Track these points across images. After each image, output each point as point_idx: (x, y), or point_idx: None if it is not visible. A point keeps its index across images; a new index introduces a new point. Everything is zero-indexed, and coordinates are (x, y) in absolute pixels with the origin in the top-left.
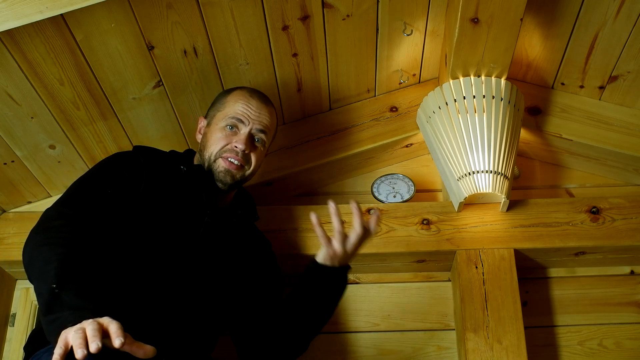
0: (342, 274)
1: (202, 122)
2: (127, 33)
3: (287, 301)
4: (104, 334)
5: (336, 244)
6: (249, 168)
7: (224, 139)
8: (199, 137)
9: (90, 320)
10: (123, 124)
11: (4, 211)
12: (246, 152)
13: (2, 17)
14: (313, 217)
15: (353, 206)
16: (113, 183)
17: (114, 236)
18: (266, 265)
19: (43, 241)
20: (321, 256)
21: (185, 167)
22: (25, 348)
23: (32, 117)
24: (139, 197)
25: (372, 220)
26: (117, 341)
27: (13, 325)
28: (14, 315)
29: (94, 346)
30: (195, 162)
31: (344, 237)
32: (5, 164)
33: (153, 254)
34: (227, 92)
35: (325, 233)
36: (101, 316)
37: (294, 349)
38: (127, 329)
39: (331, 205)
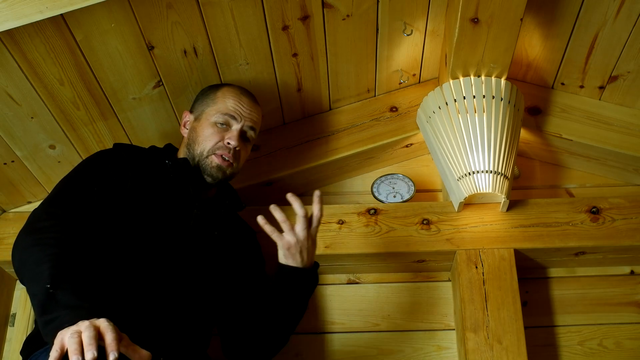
0: (308, 273)
1: (188, 117)
2: (127, 33)
3: (260, 302)
4: (100, 337)
5: (287, 235)
6: (238, 165)
7: (215, 135)
8: (184, 131)
9: (87, 323)
10: (123, 124)
11: (4, 211)
12: (237, 148)
13: (2, 17)
14: (259, 219)
15: (288, 196)
16: (99, 180)
17: (104, 234)
18: (253, 255)
19: (33, 242)
20: (280, 254)
21: (170, 161)
22: (21, 352)
23: (32, 117)
24: (127, 193)
25: (315, 202)
26: (110, 356)
27: (13, 325)
28: (14, 315)
29: (89, 355)
30: (181, 155)
31: (290, 225)
32: (5, 164)
33: (144, 250)
34: (215, 87)
35: (275, 229)
36: (97, 315)
37: (272, 344)
38: (122, 327)
39: (272, 206)
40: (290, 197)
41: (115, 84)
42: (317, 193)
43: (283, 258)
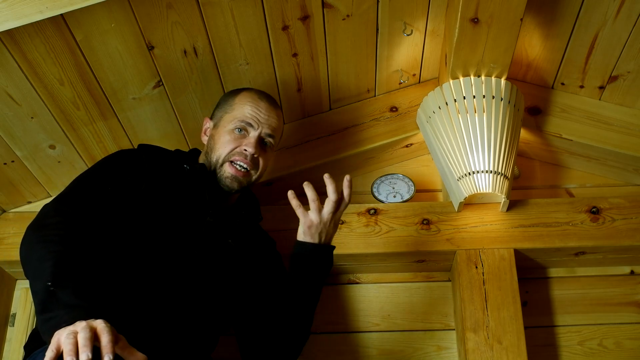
0: (324, 251)
1: (208, 123)
2: (127, 33)
3: (279, 287)
4: (96, 338)
5: (312, 214)
6: (256, 173)
7: (232, 142)
8: (204, 138)
9: (84, 324)
10: (123, 124)
11: (4, 211)
12: (255, 155)
13: (2, 17)
14: (290, 193)
15: (326, 177)
16: (114, 180)
17: (113, 234)
18: (271, 264)
19: (39, 238)
20: (300, 232)
21: (188, 166)
22: (25, 347)
23: (32, 117)
24: (140, 195)
25: (345, 187)
26: (106, 358)
27: (13, 325)
28: (14, 315)
29: (83, 356)
30: (200, 162)
31: (319, 206)
32: (5, 164)
33: (152, 253)
34: (234, 93)
35: (301, 204)
36: (96, 315)
37: (295, 335)
38: (123, 330)
39: (305, 183)
40: (327, 178)
41: (115, 84)
42: (347, 177)
43: (302, 235)
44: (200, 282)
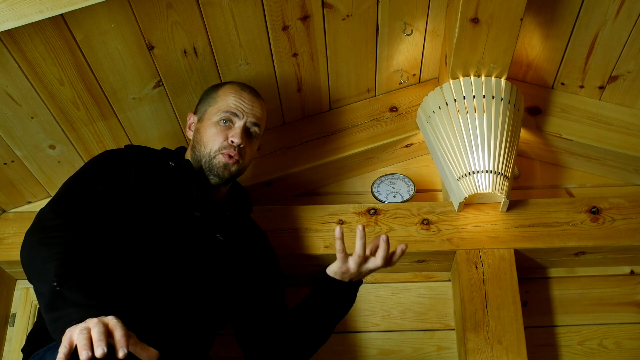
0: (351, 289)
1: (192, 118)
2: (127, 33)
3: (295, 310)
4: (109, 334)
5: (352, 264)
6: (243, 162)
7: (219, 134)
8: (189, 133)
9: (96, 320)
10: (123, 124)
11: (4, 211)
12: (242, 146)
13: (2, 17)
14: (337, 231)
15: (382, 239)
16: (104, 179)
17: (107, 233)
18: (264, 257)
19: (40, 241)
20: (332, 269)
21: (173, 163)
22: (23, 349)
23: (32, 117)
24: (129, 193)
25: (396, 254)
26: (120, 352)
27: (13, 325)
28: (14, 315)
29: (99, 351)
30: (187, 157)
31: (363, 260)
32: (5, 164)
33: (144, 251)
34: (216, 87)
35: (344, 249)
36: (105, 313)
37: (299, 356)
38: (127, 325)
39: (359, 228)
40: (383, 241)
41: (115, 84)
42: (402, 247)
43: (332, 272)
44: (190, 278)
